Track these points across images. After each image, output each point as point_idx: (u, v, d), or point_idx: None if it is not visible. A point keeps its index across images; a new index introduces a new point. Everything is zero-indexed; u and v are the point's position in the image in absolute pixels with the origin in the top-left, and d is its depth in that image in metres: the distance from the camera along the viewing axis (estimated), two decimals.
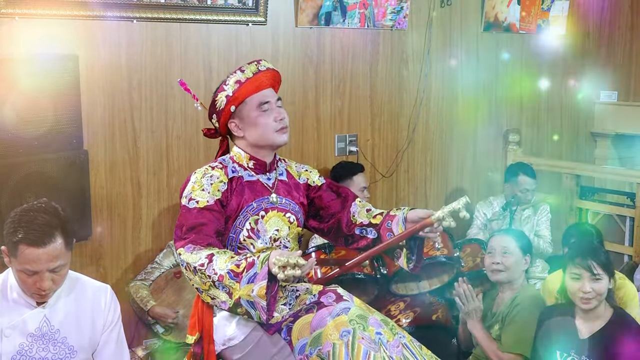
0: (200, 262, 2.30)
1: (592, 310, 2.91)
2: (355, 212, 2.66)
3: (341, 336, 2.26)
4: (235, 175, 2.56)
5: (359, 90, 4.58)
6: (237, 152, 2.62)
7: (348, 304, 2.39)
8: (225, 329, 2.44)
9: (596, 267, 2.85)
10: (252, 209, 2.52)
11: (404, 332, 2.43)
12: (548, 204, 4.65)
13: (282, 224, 2.57)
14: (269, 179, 2.61)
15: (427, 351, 2.45)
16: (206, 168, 2.57)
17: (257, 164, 2.60)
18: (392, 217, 2.57)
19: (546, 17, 5.38)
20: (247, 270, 2.22)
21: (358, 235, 2.65)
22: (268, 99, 2.58)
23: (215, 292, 2.30)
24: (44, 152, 3.27)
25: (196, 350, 2.46)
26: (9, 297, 2.29)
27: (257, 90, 2.57)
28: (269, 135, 2.57)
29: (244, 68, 2.59)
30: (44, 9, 3.38)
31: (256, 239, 2.51)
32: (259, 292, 2.19)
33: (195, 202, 2.45)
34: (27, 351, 2.27)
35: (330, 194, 2.72)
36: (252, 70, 2.59)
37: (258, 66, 2.61)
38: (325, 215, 2.70)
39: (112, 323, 2.43)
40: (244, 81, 2.56)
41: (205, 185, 2.49)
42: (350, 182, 4.12)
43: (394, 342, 2.32)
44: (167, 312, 3.62)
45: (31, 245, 2.15)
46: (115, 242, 3.81)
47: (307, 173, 2.75)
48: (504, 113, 5.33)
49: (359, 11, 4.42)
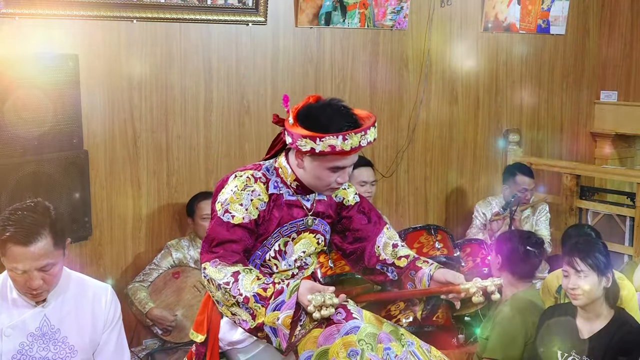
0: (225, 280, 2.25)
1: (592, 310, 2.93)
2: (380, 245, 2.59)
3: (349, 355, 2.21)
4: (276, 192, 2.43)
5: (359, 90, 4.58)
6: (285, 167, 2.45)
7: (357, 322, 2.31)
8: (232, 333, 2.42)
9: (579, 264, 2.89)
10: (285, 231, 2.45)
11: (413, 339, 2.39)
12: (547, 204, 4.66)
13: (310, 245, 2.52)
14: (307, 200, 2.50)
15: (436, 352, 2.42)
16: (248, 177, 2.40)
17: (299, 186, 2.45)
18: (418, 269, 2.49)
19: (546, 17, 5.38)
20: (274, 297, 2.19)
21: (378, 270, 2.59)
22: (345, 165, 2.38)
23: (237, 311, 2.27)
24: (44, 152, 3.27)
25: (200, 348, 2.44)
26: (9, 297, 2.29)
27: (342, 157, 2.34)
28: (321, 188, 2.43)
29: (349, 137, 2.27)
30: (44, 9, 3.38)
31: (281, 260, 2.46)
32: (284, 321, 2.17)
33: (230, 216, 2.34)
34: (28, 351, 2.27)
35: (361, 217, 2.62)
36: (352, 145, 2.29)
37: (360, 141, 2.30)
38: (351, 237, 2.62)
39: (112, 322, 2.42)
40: (338, 150, 2.28)
41: (244, 200, 2.36)
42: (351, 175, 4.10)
43: (402, 355, 2.28)
44: (165, 314, 3.60)
45: (18, 244, 2.15)
46: (115, 242, 3.81)
47: (344, 192, 2.61)
48: (504, 113, 5.33)
49: (359, 11, 4.42)
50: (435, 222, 4.83)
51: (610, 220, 4.73)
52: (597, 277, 2.89)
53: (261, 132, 4.21)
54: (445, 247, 3.78)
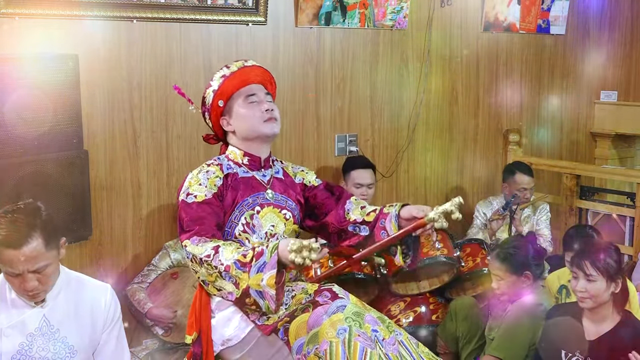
0: (206, 253, 2.31)
1: (598, 312, 2.92)
2: (349, 209, 2.68)
3: (338, 334, 2.25)
4: (231, 172, 2.59)
5: (359, 90, 4.58)
6: (232, 150, 2.67)
7: (344, 302, 2.38)
8: (224, 330, 2.44)
9: (589, 267, 2.88)
10: (248, 204, 2.54)
11: (400, 330, 2.42)
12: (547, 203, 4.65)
13: (278, 220, 2.58)
14: (264, 176, 2.63)
15: (424, 348, 2.45)
16: (202, 166, 2.61)
17: (251, 159, 2.63)
18: (385, 215, 2.58)
19: (546, 17, 5.38)
20: (256, 260, 2.23)
21: (350, 232, 2.66)
22: (254, 92, 2.63)
23: (221, 283, 2.30)
24: (44, 152, 3.26)
25: (195, 350, 2.45)
26: (8, 297, 2.30)
27: (244, 85, 2.64)
28: (257, 126, 2.60)
29: (230, 65, 2.66)
30: (44, 9, 3.38)
31: (251, 234, 2.52)
32: (269, 281, 2.19)
33: (193, 197, 2.48)
34: (27, 351, 2.27)
35: (324, 193, 2.74)
36: (238, 66, 2.65)
37: (244, 62, 2.67)
38: (320, 213, 2.72)
39: (112, 322, 2.43)
40: (228, 75, 2.63)
41: (202, 180, 2.53)
42: (348, 176, 4.12)
43: (390, 339, 2.32)
44: (164, 313, 3.61)
45: (9, 247, 2.15)
46: (115, 242, 3.81)
47: (302, 173, 2.78)
48: (504, 113, 5.33)
49: (359, 11, 4.42)
50: None
51: (610, 220, 4.72)
52: (605, 283, 2.88)
53: None
54: (445, 247, 3.77)
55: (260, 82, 2.68)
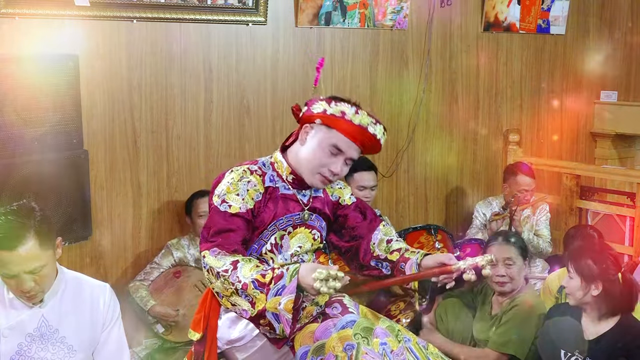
0: (224, 267, 2.25)
1: (598, 312, 2.92)
2: (376, 242, 2.62)
3: (345, 349, 2.23)
4: (272, 186, 2.46)
5: (359, 90, 4.58)
6: (280, 161, 2.51)
7: (353, 317, 2.34)
8: (230, 331, 2.42)
9: (570, 268, 2.97)
10: (281, 224, 2.46)
11: (409, 335, 2.41)
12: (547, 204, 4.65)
13: (306, 240, 2.53)
14: (304, 196, 2.52)
15: (433, 349, 2.44)
16: (244, 170, 2.45)
17: (295, 179, 2.49)
18: (406, 260, 2.52)
19: (546, 17, 5.38)
20: (275, 282, 2.17)
21: (372, 266, 2.61)
22: (344, 150, 2.43)
23: (237, 300, 2.26)
24: (44, 152, 3.27)
25: (198, 348, 2.44)
26: (6, 298, 2.29)
27: (347, 137, 2.42)
28: (311, 171, 2.45)
29: (360, 113, 2.43)
30: (44, 9, 3.38)
31: (277, 254, 2.46)
32: (286, 305, 2.14)
33: (227, 206, 2.37)
34: (26, 351, 2.27)
35: (357, 215, 2.65)
36: (363, 123, 2.43)
37: (373, 128, 2.45)
38: (347, 235, 2.65)
39: (111, 321, 2.42)
40: (347, 120, 2.41)
41: (240, 190, 2.39)
42: (351, 179, 4.12)
43: (399, 350, 2.30)
44: (168, 311, 3.63)
45: (3, 249, 2.14)
46: (115, 242, 3.82)
47: (340, 191, 2.66)
48: (504, 113, 5.33)
49: (359, 11, 4.42)
50: (435, 222, 4.83)
51: (610, 220, 4.72)
52: (580, 282, 2.92)
53: (261, 132, 4.21)
54: (445, 247, 3.78)
55: (361, 145, 2.46)
